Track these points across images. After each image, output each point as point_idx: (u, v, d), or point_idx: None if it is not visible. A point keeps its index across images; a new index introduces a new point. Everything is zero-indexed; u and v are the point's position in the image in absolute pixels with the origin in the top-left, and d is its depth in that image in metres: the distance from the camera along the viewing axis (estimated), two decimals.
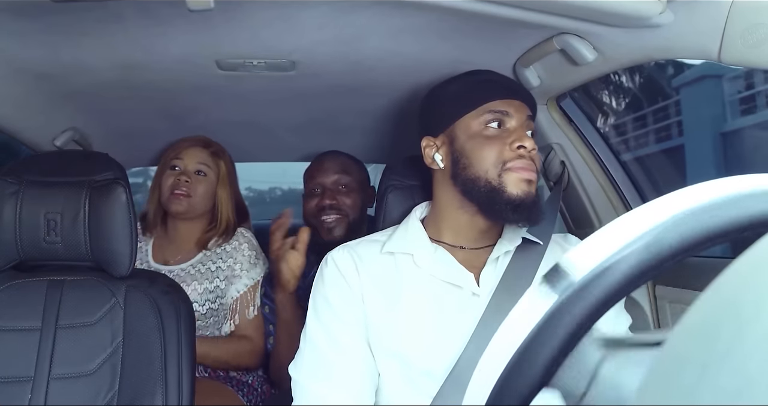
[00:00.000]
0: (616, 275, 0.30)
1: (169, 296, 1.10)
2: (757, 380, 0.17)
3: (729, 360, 0.18)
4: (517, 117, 0.92)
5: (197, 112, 1.45)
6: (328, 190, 1.50)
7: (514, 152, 0.88)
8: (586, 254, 0.31)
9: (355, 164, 1.59)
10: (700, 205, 0.29)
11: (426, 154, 0.96)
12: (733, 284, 0.21)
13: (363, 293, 0.88)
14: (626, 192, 1.31)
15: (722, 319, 0.20)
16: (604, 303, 0.30)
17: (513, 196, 0.86)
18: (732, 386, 0.18)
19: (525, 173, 0.88)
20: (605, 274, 0.30)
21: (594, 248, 0.31)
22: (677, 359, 0.21)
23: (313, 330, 0.88)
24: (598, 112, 4.50)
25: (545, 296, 0.31)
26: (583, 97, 1.37)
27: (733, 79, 4.96)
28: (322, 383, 0.84)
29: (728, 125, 5.02)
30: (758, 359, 0.17)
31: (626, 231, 0.30)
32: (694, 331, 0.21)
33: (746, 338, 0.18)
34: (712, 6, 0.75)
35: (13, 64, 1.09)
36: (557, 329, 0.30)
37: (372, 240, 0.96)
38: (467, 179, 0.89)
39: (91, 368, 1.04)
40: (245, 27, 0.97)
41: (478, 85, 0.95)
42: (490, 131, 0.90)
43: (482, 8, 0.85)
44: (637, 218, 0.30)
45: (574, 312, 0.30)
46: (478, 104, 0.92)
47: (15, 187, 1.06)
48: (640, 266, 0.30)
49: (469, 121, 0.92)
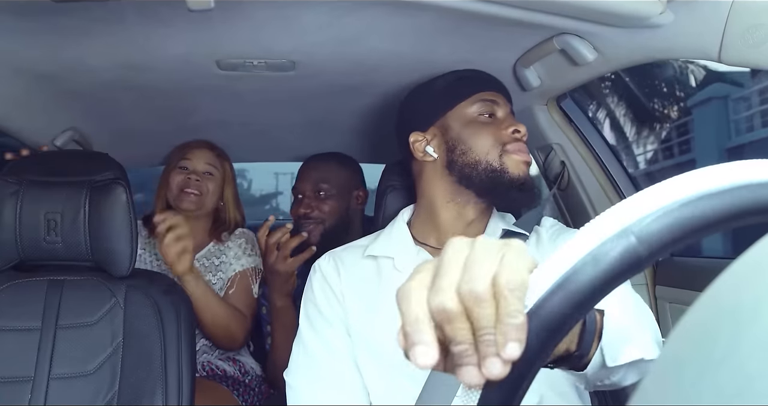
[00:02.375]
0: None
1: (169, 297, 1.10)
2: (756, 380, 0.17)
3: (728, 361, 0.18)
4: (504, 108, 0.96)
5: (197, 112, 1.45)
6: (306, 197, 1.53)
7: (511, 136, 0.91)
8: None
9: (339, 169, 1.56)
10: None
11: (416, 149, 0.96)
12: (732, 285, 0.21)
13: (343, 296, 0.89)
14: (626, 192, 1.31)
15: (721, 320, 0.20)
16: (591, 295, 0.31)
17: (516, 176, 0.89)
18: (731, 387, 0.18)
19: (524, 155, 0.91)
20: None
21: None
22: (677, 360, 0.21)
23: (305, 335, 0.89)
24: (621, 136, 4.63)
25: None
26: (607, 121, 1.40)
27: (737, 100, 5.26)
28: (316, 385, 0.85)
29: (732, 141, 5.31)
30: (757, 360, 0.17)
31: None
32: (694, 332, 0.21)
33: (745, 339, 0.18)
34: (713, 6, 0.75)
35: (13, 64, 1.09)
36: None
37: (357, 245, 0.97)
38: (466, 164, 0.90)
39: (91, 368, 1.04)
40: (245, 27, 0.97)
41: (467, 77, 0.99)
42: (483, 119, 0.94)
43: (482, 8, 0.85)
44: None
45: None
46: (470, 94, 0.95)
47: (15, 187, 1.06)
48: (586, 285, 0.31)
49: (462, 110, 0.94)
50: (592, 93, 4.80)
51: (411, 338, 0.33)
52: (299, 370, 0.87)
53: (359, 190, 1.58)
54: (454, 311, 0.32)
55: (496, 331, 0.31)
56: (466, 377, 0.32)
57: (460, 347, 0.32)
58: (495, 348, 0.31)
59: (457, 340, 0.32)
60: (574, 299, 0.31)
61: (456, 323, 0.32)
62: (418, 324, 0.33)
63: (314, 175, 1.54)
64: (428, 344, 0.32)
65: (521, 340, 0.31)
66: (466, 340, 0.32)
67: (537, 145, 1.43)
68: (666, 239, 0.30)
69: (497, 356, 0.31)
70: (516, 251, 0.34)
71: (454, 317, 0.32)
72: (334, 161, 1.58)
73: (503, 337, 0.31)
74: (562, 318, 0.31)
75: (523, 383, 0.32)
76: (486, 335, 0.31)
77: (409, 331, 0.33)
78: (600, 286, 0.31)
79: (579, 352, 0.51)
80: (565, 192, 1.41)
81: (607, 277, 0.30)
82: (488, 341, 0.31)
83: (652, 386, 0.22)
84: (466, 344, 0.32)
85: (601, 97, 5.23)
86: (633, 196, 0.32)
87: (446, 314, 0.32)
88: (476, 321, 0.32)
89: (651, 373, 0.23)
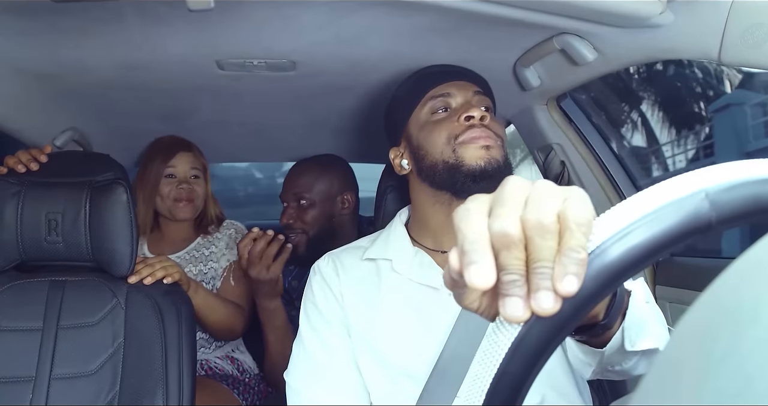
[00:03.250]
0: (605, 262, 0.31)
1: (170, 297, 1.10)
2: (756, 380, 0.17)
3: (728, 361, 0.18)
4: (461, 94, 0.92)
5: (197, 112, 1.45)
6: (289, 207, 1.53)
7: (463, 125, 0.87)
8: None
9: (321, 175, 1.54)
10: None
11: (395, 165, 0.97)
12: (733, 284, 0.21)
13: (342, 297, 0.89)
14: (626, 192, 1.31)
15: (722, 320, 0.20)
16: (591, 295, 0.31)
17: (472, 167, 0.85)
18: (731, 387, 0.18)
19: (480, 141, 0.86)
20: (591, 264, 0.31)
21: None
22: (677, 360, 0.21)
23: (306, 336, 0.89)
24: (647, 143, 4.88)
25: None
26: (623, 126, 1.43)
27: (755, 106, 5.50)
28: (316, 385, 0.84)
29: (752, 146, 5.53)
30: (757, 360, 0.17)
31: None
32: (694, 332, 0.21)
33: (745, 339, 0.18)
34: (713, 6, 0.75)
35: (13, 64, 1.09)
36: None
37: (356, 247, 0.97)
38: (428, 168, 0.89)
39: (93, 368, 1.04)
40: (245, 27, 0.97)
41: (417, 80, 0.97)
42: (437, 116, 0.91)
43: (482, 8, 0.85)
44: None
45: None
46: (420, 97, 0.93)
47: (16, 188, 1.06)
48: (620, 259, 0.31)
49: (417, 115, 0.93)
50: (627, 99, 5.02)
51: (469, 256, 0.31)
52: (299, 371, 0.87)
53: (345, 194, 1.54)
54: (515, 237, 0.31)
55: (554, 264, 0.30)
56: (510, 308, 0.30)
57: (512, 276, 0.31)
58: (550, 282, 0.30)
59: (510, 269, 0.31)
60: (636, 251, 0.30)
61: (513, 251, 0.31)
62: (478, 243, 0.31)
63: (294, 184, 1.54)
64: (487, 262, 0.31)
65: (580, 276, 0.30)
66: (518, 270, 0.31)
67: (537, 145, 1.43)
68: (739, 210, 0.30)
69: (551, 289, 0.30)
70: (581, 195, 0.33)
71: (513, 244, 0.31)
72: (316, 167, 1.56)
73: (563, 269, 0.30)
74: (620, 268, 0.30)
75: (563, 329, 0.31)
76: (542, 268, 0.30)
77: (468, 249, 0.31)
78: (664, 242, 0.30)
79: (606, 321, 0.52)
80: None
81: (672, 235, 0.30)
82: (544, 274, 0.30)
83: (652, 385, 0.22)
84: (517, 274, 0.31)
85: (636, 102, 5.48)
86: (715, 166, 0.31)
87: (507, 239, 0.31)
88: (535, 252, 0.31)
89: (651, 373, 0.23)
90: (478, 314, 0.35)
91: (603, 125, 1.37)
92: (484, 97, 0.94)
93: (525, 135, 1.46)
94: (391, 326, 0.85)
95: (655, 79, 5.25)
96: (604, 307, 0.52)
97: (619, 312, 0.53)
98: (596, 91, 1.22)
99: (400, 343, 0.84)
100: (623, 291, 0.54)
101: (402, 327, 0.85)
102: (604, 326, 0.53)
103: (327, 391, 0.84)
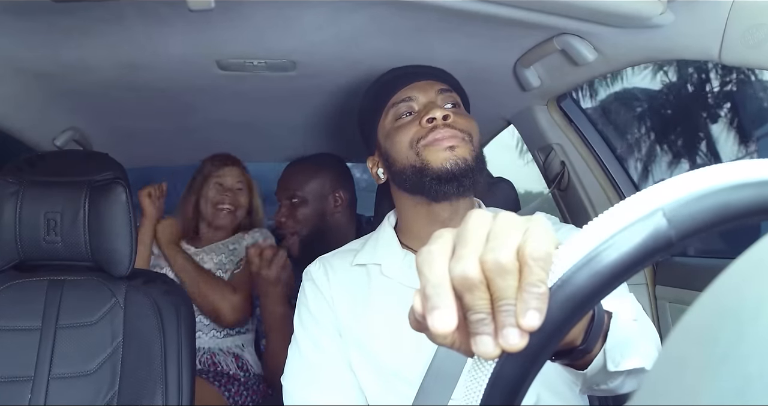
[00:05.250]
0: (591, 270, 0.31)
1: (169, 297, 1.10)
2: (756, 380, 0.17)
3: (728, 361, 0.18)
4: (424, 95, 0.90)
5: (197, 112, 1.45)
6: (282, 206, 1.54)
7: (426, 128, 0.86)
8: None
9: (313, 173, 1.54)
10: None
11: (372, 175, 0.98)
12: (733, 284, 0.21)
13: (334, 301, 0.89)
14: (626, 192, 1.31)
15: (722, 320, 0.20)
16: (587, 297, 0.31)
17: (437, 168, 0.83)
18: (732, 387, 0.18)
19: (444, 142, 0.84)
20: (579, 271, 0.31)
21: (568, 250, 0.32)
22: (677, 360, 0.21)
23: (300, 339, 0.89)
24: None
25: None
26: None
27: None
28: (311, 389, 0.84)
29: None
30: (758, 360, 0.17)
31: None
32: (694, 332, 0.21)
33: (746, 339, 0.18)
34: (713, 6, 0.75)
35: (14, 64, 1.09)
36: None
37: (347, 250, 0.97)
38: (397, 174, 0.89)
39: (91, 368, 1.04)
40: (245, 27, 0.97)
41: (378, 88, 0.96)
42: (401, 122, 0.90)
43: (482, 8, 0.85)
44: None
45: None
46: (383, 105, 0.93)
47: (15, 187, 1.06)
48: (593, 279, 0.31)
49: (382, 124, 0.93)
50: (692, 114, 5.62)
51: (432, 301, 0.32)
52: (295, 374, 0.87)
53: (337, 192, 1.53)
54: (476, 280, 0.31)
55: (516, 302, 0.31)
56: (481, 346, 0.31)
57: (479, 315, 0.31)
58: (514, 319, 0.30)
59: (476, 309, 0.31)
60: (600, 277, 0.30)
61: (476, 292, 0.32)
62: (440, 287, 0.32)
63: (287, 183, 1.55)
64: (448, 308, 0.32)
65: (542, 310, 0.30)
66: (484, 309, 0.31)
67: (537, 145, 1.43)
68: (697, 224, 0.30)
69: (515, 326, 0.30)
70: (541, 226, 0.33)
71: (474, 287, 0.32)
72: (309, 166, 1.56)
73: (524, 305, 0.30)
74: (586, 295, 0.31)
75: (537, 360, 0.31)
76: (506, 306, 0.31)
77: (430, 294, 0.32)
78: (627, 265, 0.30)
79: (584, 346, 0.51)
80: (565, 192, 1.41)
81: (635, 257, 0.30)
82: (508, 312, 0.31)
83: (652, 385, 0.22)
84: (484, 313, 0.31)
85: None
86: (668, 179, 0.31)
87: (468, 282, 0.32)
88: (497, 292, 0.31)
89: (651, 372, 0.23)
90: (454, 350, 0.35)
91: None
92: (450, 94, 0.93)
93: (525, 135, 1.46)
94: (381, 328, 0.85)
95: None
96: (581, 331, 0.51)
97: (598, 335, 0.52)
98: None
99: (391, 345, 0.84)
100: (602, 313, 0.52)
101: (393, 329, 0.85)
102: (582, 351, 0.52)
103: (320, 391, 0.84)
